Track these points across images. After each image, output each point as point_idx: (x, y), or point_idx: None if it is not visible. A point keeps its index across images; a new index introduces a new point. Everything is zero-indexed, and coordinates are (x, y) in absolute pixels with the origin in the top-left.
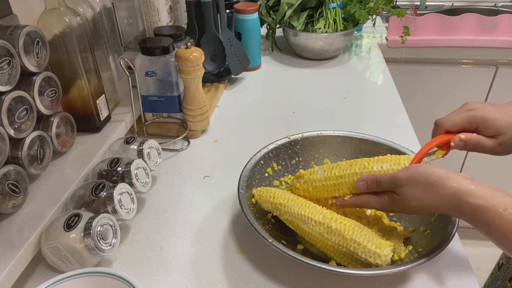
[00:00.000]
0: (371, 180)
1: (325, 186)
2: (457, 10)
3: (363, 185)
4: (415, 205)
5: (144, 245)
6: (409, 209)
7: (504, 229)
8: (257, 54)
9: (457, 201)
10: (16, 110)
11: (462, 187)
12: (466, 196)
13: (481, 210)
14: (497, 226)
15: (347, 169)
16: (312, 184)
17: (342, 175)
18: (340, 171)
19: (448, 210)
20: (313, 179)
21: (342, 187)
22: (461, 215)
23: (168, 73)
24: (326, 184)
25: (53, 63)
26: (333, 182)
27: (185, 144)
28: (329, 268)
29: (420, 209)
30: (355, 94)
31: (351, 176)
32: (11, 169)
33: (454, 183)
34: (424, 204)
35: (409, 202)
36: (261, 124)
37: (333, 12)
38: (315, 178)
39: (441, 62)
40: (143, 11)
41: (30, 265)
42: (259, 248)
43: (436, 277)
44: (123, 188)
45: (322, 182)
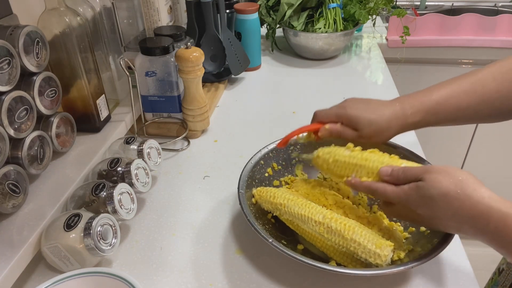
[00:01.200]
0: (398, 169)
1: (346, 163)
2: (457, 10)
3: (387, 170)
4: (438, 195)
5: (144, 245)
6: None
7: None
8: (257, 54)
9: (485, 206)
10: (16, 110)
11: (495, 196)
12: (498, 203)
13: (511, 219)
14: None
15: (375, 156)
16: (334, 157)
17: (368, 158)
18: (367, 155)
19: (471, 216)
20: (337, 153)
21: (363, 170)
22: (484, 224)
23: (168, 73)
24: (348, 162)
25: (53, 63)
26: (356, 161)
27: (185, 144)
28: (329, 268)
29: (441, 203)
30: (355, 94)
31: (376, 163)
32: (11, 169)
33: (487, 191)
34: (448, 199)
35: (432, 191)
36: (261, 124)
37: (333, 12)
38: (340, 152)
39: (441, 62)
40: (143, 11)
41: (30, 265)
42: (259, 248)
43: (436, 277)
44: (123, 188)
45: (345, 158)
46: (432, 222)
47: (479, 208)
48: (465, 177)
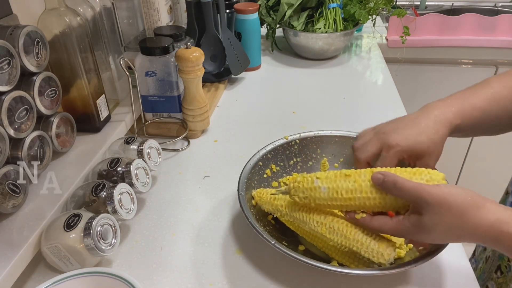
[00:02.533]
0: (389, 180)
1: (330, 206)
2: (457, 10)
3: (379, 178)
4: (442, 231)
5: (144, 245)
6: (433, 236)
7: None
8: (257, 54)
9: (495, 231)
10: (16, 110)
11: (501, 216)
12: (506, 225)
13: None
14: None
15: (357, 189)
16: (315, 202)
17: (351, 198)
18: (348, 193)
19: (483, 241)
20: (316, 197)
21: (352, 208)
22: (498, 246)
23: (168, 73)
24: (332, 204)
25: (53, 63)
26: (340, 203)
27: (185, 144)
28: (330, 268)
29: (447, 237)
30: (355, 94)
31: (361, 200)
32: (11, 169)
33: (491, 211)
34: (454, 232)
35: (437, 227)
36: (261, 124)
37: (333, 12)
38: (318, 196)
39: (441, 62)
40: (143, 11)
41: (30, 265)
42: (259, 248)
43: (436, 277)
44: (123, 188)
45: (327, 201)
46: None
47: (489, 235)
48: (467, 204)
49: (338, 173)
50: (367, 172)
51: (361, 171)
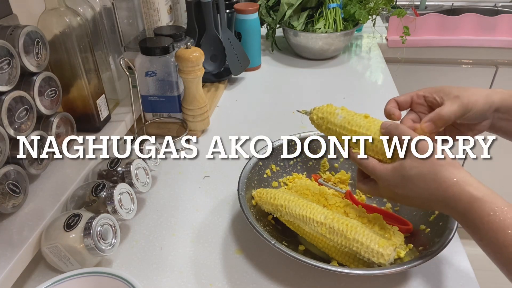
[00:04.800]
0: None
1: (337, 132)
2: (457, 10)
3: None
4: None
5: (144, 245)
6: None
7: (495, 226)
8: (257, 54)
9: (457, 189)
10: (16, 110)
11: (466, 177)
12: (468, 186)
13: (478, 203)
14: (489, 222)
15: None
16: (326, 125)
17: (357, 131)
18: (356, 127)
19: (445, 197)
20: (330, 121)
21: (353, 145)
22: (454, 206)
23: (168, 73)
24: (339, 132)
25: (53, 63)
26: (346, 133)
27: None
28: (330, 268)
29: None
30: (355, 94)
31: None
32: (11, 169)
33: (461, 172)
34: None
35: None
36: (261, 124)
37: (333, 12)
38: (332, 120)
39: (441, 62)
40: (143, 11)
41: (30, 265)
42: (259, 248)
43: (436, 277)
44: (123, 188)
45: (337, 127)
46: (408, 201)
47: (452, 190)
48: (445, 162)
49: (359, 113)
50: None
51: (375, 120)
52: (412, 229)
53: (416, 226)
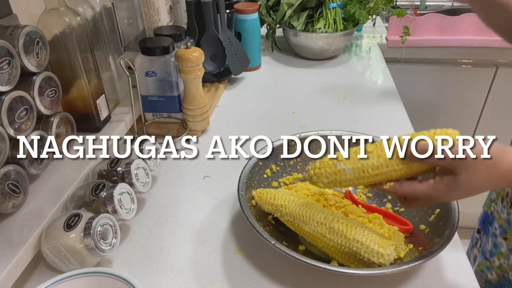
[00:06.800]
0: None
1: (356, 183)
2: (457, 10)
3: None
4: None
5: (144, 245)
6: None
7: None
8: (257, 54)
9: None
10: (16, 110)
11: None
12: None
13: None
14: None
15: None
16: (340, 184)
17: (377, 174)
18: (374, 170)
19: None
20: (342, 180)
21: (377, 181)
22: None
23: (168, 73)
24: (358, 182)
25: (53, 63)
26: (366, 180)
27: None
28: (330, 268)
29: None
30: (355, 94)
31: (388, 173)
32: (11, 169)
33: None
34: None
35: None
36: (261, 124)
37: (333, 12)
38: (343, 178)
39: (441, 62)
40: (143, 11)
41: (30, 265)
42: (259, 248)
43: (436, 277)
44: (123, 188)
45: (353, 181)
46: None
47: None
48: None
49: (357, 151)
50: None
51: (379, 145)
52: (412, 229)
53: (416, 226)
